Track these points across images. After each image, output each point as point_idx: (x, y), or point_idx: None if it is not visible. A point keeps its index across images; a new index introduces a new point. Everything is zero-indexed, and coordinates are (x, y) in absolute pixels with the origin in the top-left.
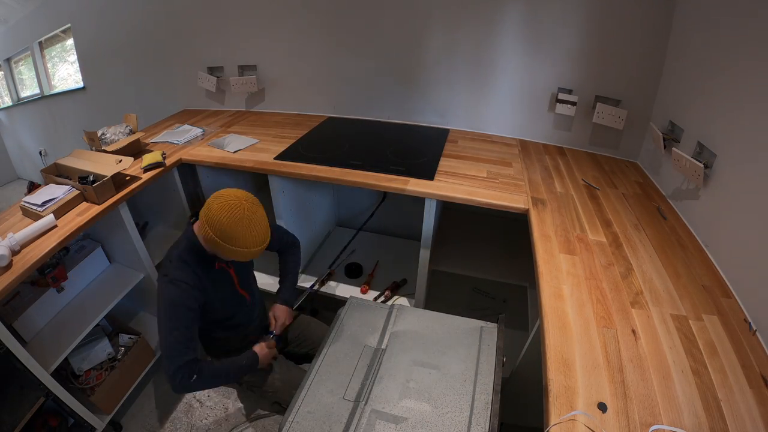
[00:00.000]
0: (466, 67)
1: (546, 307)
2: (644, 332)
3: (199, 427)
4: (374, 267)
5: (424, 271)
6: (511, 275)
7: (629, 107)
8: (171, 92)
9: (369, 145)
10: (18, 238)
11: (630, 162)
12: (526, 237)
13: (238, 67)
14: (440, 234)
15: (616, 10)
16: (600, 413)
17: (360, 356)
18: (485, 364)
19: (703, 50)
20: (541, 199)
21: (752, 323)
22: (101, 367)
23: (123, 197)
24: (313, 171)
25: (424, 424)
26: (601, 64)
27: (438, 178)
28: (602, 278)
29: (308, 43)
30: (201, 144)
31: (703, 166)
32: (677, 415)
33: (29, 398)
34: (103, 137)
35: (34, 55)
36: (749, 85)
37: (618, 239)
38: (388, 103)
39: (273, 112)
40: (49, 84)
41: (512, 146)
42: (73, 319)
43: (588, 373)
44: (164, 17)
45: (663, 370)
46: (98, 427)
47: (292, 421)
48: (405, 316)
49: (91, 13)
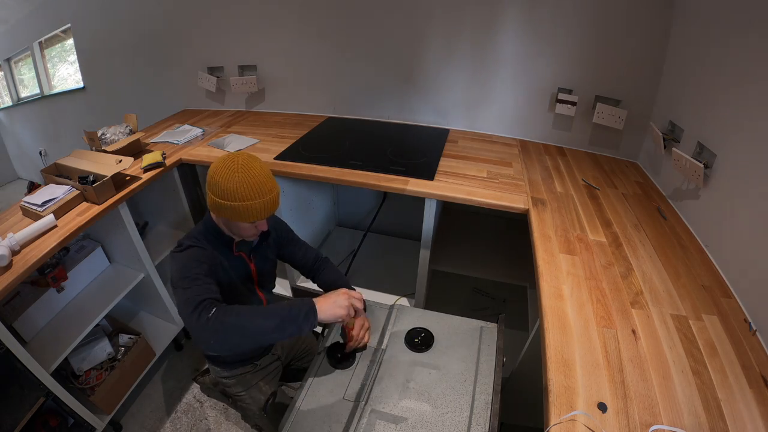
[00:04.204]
0: (466, 67)
1: (546, 307)
2: (644, 332)
3: (199, 427)
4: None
5: (424, 271)
6: (511, 275)
7: (629, 107)
8: (171, 92)
9: (369, 145)
10: (18, 238)
11: (630, 162)
12: (526, 237)
13: (238, 67)
14: (440, 234)
15: (616, 10)
16: (600, 413)
17: (360, 356)
18: (485, 364)
19: (703, 50)
20: (541, 199)
21: (752, 323)
22: (101, 367)
23: (123, 197)
24: (313, 171)
25: (424, 424)
26: (601, 64)
27: (438, 178)
28: (602, 278)
29: (308, 43)
30: (201, 144)
31: (703, 166)
32: (677, 415)
33: (29, 398)
34: (103, 137)
35: (34, 55)
36: (749, 85)
37: (618, 239)
38: (388, 103)
39: (273, 112)
40: (49, 84)
41: (512, 146)
42: (73, 319)
43: (588, 373)
44: (164, 17)
45: (663, 370)
46: (98, 427)
47: (292, 421)
48: (405, 316)
49: (91, 13)
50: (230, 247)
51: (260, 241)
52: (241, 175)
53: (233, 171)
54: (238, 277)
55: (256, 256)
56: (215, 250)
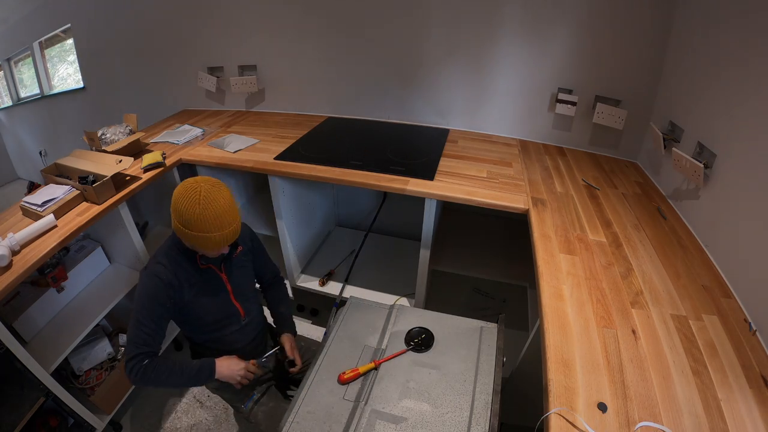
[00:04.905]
0: (466, 67)
1: (546, 307)
2: (644, 332)
3: (199, 427)
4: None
5: (424, 271)
6: (511, 275)
7: (629, 107)
8: (171, 92)
9: (369, 145)
10: (18, 238)
11: (630, 162)
12: (526, 237)
13: (238, 67)
14: (440, 234)
15: (616, 9)
16: (600, 413)
17: (360, 356)
18: (485, 364)
19: (703, 50)
20: (541, 199)
21: (752, 323)
22: (101, 367)
23: (123, 197)
24: (313, 171)
25: (424, 424)
26: (601, 64)
27: (438, 178)
28: (602, 278)
29: (308, 43)
30: (201, 144)
31: (703, 166)
32: (677, 415)
33: (29, 398)
34: (103, 137)
35: (34, 55)
36: (749, 85)
37: (618, 239)
38: (388, 103)
39: (273, 112)
40: (49, 84)
41: (512, 146)
42: (73, 319)
43: (588, 373)
44: (164, 17)
45: (663, 370)
46: (98, 427)
47: (292, 421)
48: (405, 316)
49: (91, 13)
50: (194, 261)
51: (230, 252)
52: (202, 208)
53: (194, 202)
54: (210, 289)
55: (227, 266)
56: (179, 267)
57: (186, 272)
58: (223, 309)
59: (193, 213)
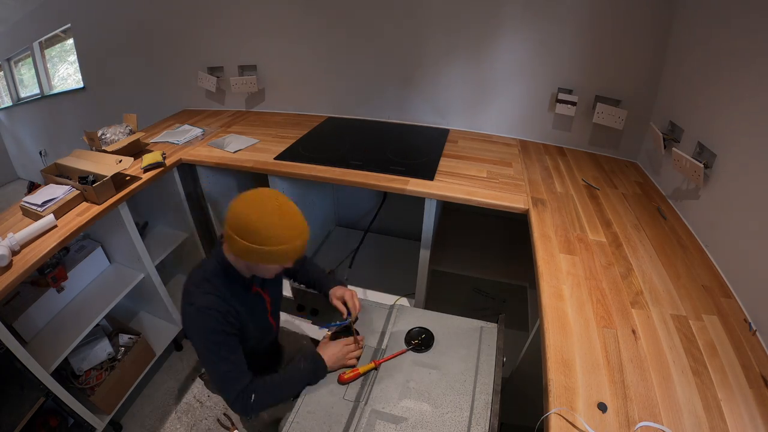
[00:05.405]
0: (466, 67)
1: (546, 307)
2: (644, 332)
3: (199, 427)
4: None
5: (424, 271)
6: (511, 275)
7: (629, 107)
8: (171, 92)
9: (369, 145)
10: (18, 238)
11: (630, 162)
12: (526, 237)
13: (238, 67)
14: (440, 234)
15: (616, 10)
16: (600, 413)
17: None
18: (485, 364)
19: (703, 50)
20: (541, 199)
21: (752, 323)
22: (101, 367)
23: (123, 197)
24: (313, 171)
25: (424, 424)
26: (601, 64)
27: (438, 178)
28: (602, 278)
29: (308, 43)
30: (201, 144)
31: (703, 166)
32: (677, 415)
33: (29, 398)
34: (103, 137)
35: (34, 55)
36: (750, 85)
37: (618, 239)
38: (388, 103)
39: (273, 112)
40: (49, 84)
41: (512, 146)
42: (73, 319)
43: (588, 373)
44: (164, 17)
45: (663, 370)
46: (98, 427)
47: (292, 421)
48: (405, 316)
49: (91, 13)
50: (248, 287)
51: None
52: (278, 218)
53: (269, 213)
54: (254, 314)
55: (268, 286)
56: (229, 292)
57: (236, 298)
58: (261, 328)
59: (270, 226)
